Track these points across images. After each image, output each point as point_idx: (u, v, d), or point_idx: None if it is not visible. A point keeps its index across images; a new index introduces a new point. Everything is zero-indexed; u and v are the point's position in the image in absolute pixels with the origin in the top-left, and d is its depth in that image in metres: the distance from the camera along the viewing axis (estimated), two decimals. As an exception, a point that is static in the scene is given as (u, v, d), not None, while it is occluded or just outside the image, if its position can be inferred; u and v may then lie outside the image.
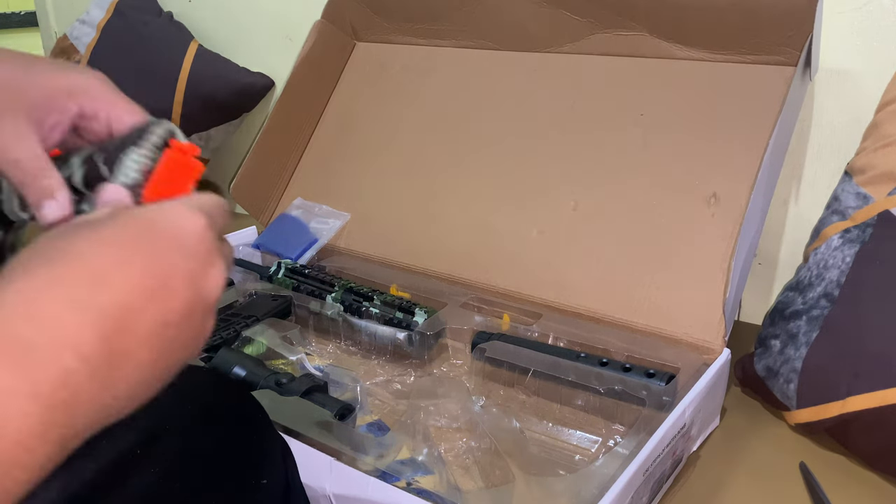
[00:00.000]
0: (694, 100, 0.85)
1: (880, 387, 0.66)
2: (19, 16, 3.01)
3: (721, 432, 0.76)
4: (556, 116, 0.93)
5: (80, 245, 0.32)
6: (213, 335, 0.79)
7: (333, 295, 0.86)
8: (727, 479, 0.69)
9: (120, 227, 0.33)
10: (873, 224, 0.75)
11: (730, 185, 0.80)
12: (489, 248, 0.90)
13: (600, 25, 0.91)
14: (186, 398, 0.47)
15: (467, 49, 1.03)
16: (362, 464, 0.60)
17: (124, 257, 0.31)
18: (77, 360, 0.28)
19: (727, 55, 0.84)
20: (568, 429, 0.71)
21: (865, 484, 0.68)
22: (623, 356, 0.74)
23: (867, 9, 0.84)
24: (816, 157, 0.91)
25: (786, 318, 0.78)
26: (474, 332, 0.81)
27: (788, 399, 0.74)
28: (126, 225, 0.33)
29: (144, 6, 1.42)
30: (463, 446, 0.67)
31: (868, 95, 0.84)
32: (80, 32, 1.42)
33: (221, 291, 0.35)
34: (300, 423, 0.63)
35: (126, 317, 0.30)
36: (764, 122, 0.79)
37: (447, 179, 0.97)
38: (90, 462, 0.40)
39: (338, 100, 1.12)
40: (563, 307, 0.83)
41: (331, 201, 1.04)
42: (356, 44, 1.14)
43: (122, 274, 0.31)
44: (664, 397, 0.66)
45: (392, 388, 0.79)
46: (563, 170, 0.90)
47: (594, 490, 0.56)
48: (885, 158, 0.78)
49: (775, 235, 0.96)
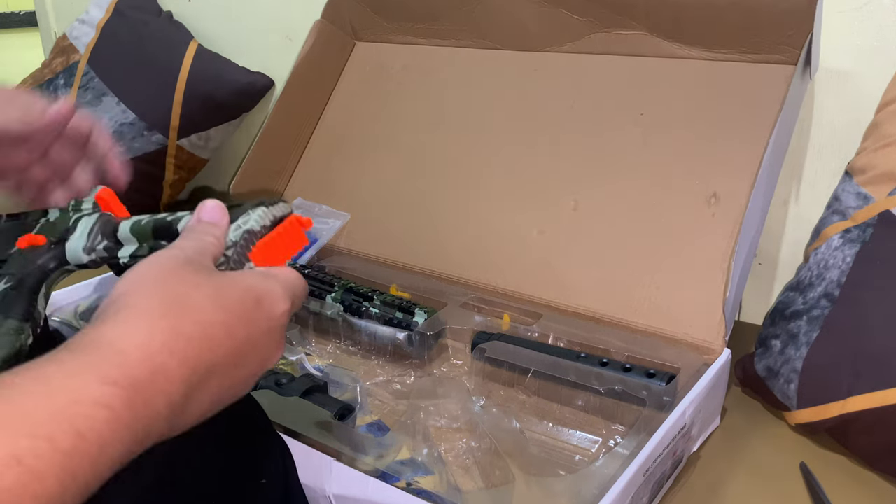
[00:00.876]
0: (694, 99, 0.85)
1: (881, 387, 0.66)
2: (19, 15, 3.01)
3: (721, 432, 0.76)
4: (556, 116, 0.93)
5: (194, 297, 0.35)
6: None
7: (333, 295, 0.86)
8: (727, 480, 0.69)
9: (230, 282, 0.37)
10: (874, 224, 0.75)
11: (730, 184, 0.80)
12: (489, 248, 0.90)
13: (600, 25, 0.91)
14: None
15: (467, 49, 1.03)
16: (362, 464, 0.60)
17: (225, 317, 0.35)
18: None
19: (727, 54, 0.84)
20: (568, 429, 0.71)
21: (866, 484, 0.68)
22: (623, 356, 0.74)
23: (867, 9, 0.84)
24: (817, 156, 0.91)
25: (786, 318, 0.78)
26: (474, 332, 0.80)
27: (789, 399, 0.74)
28: (236, 284, 0.38)
29: (144, 6, 1.42)
30: (463, 446, 0.67)
31: (868, 95, 0.84)
32: (80, 32, 1.42)
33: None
34: (300, 424, 0.63)
35: (205, 377, 0.34)
36: (764, 121, 0.79)
37: (447, 179, 0.97)
38: (90, 462, 0.40)
39: (338, 100, 1.12)
40: (563, 307, 0.83)
41: (331, 201, 1.04)
42: (356, 44, 1.14)
43: (222, 330, 0.35)
44: (664, 397, 0.66)
45: (392, 389, 0.78)
46: (563, 170, 0.90)
47: (594, 490, 0.56)
48: (885, 158, 0.77)
49: (775, 235, 0.96)
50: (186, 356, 0.33)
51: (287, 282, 0.40)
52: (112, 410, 0.29)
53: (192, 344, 0.33)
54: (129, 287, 0.35)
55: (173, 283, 0.35)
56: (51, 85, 1.39)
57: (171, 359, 0.32)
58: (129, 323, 0.33)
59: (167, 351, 0.32)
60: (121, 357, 0.31)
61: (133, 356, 0.31)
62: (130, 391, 0.30)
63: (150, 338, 0.32)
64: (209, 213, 0.43)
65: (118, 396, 0.29)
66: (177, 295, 0.35)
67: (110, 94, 1.32)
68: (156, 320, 0.33)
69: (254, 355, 0.37)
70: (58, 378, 0.29)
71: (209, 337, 0.34)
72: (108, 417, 0.28)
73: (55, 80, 1.39)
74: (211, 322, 0.34)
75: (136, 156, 1.30)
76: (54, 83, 1.39)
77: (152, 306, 0.34)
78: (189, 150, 1.34)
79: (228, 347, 0.35)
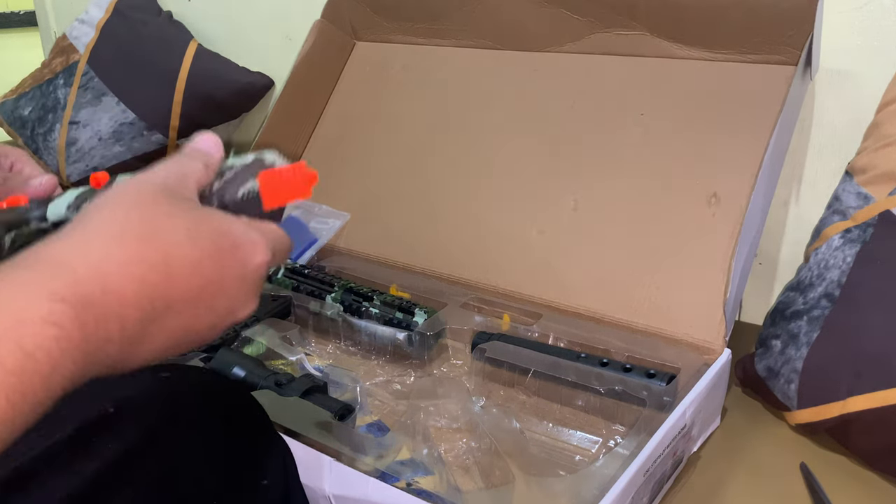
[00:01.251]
0: (694, 99, 0.85)
1: (881, 387, 0.66)
2: (19, 15, 3.01)
3: (721, 432, 0.76)
4: (556, 116, 0.93)
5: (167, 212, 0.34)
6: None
7: (333, 295, 0.86)
8: (728, 480, 0.69)
9: (207, 217, 0.35)
10: (874, 224, 0.75)
11: (730, 184, 0.80)
12: (489, 248, 0.90)
13: (600, 25, 0.91)
14: (186, 398, 0.47)
15: (467, 48, 1.03)
16: (362, 464, 0.60)
17: (197, 252, 0.33)
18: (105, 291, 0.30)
19: (727, 54, 0.84)
20: (568, 429, 0.71)
21: (866, 484, 0.68)
22: (623, 356, 0.74)
23: (867, 9, 0.84)
24: (817, 157, 0.91)
25: (786, 319, 0.78)
26: (474, 332, 0.80)
27: (789, 399, 0.74)
28: (213, 221, 0.35)
29: (144, 6, 1.42)
30: (463, 446, 0.67)
31: (868, 95, 0.84)
32: (80, 32, 1.42)
33: (245, 319, 0.38)
34: (300, 424, 0.63)
35: (163, 311, 0.32)
36: (764, 121, 0.79)
37: (447, 179, 0.97)
38: (91, 462, 0.40)
39: (338, 100, 1.12)
40: (563, 307, 0.83)
41: (331, 201, 1.04)
42: (356, 43, 1.14)
43: (190, 265, 0.33)
44: (665, 398, 0.66)
45: (392, 389, 0.78)
46: (563, 170, 0.90)
47: (594, 490, 0.56)
48: (885, 158, 0.77)
49: (776, 235, 0.96)
50: (144, 283, 0.31)
51: (270, 234, 0.38)
52: (61, 328, 0.27)
53: (152, 271, 0.31)
54: (97, 208, 0.33)
55: (144, 207, 0.33)
56: (50, 85, 1.39)
57: (127, 282, 0.30)
58: (86, 241, 0.31)
59: (124, 274, 0.30)
60: (71, 273, 0.29)
61: (84, 273, 0.29)
62: (80, 309, 0.28)
63: (106, 257, 0.30)
64: (204, 142, 0.41)
65: (67, 314, 0.28)
66: (145, 219, 0.33)
67: (110, 93, 1.32)
68: (116, 241, 0.31)
69: (221, 300, 0.34)
70: (1, 295, 0.27)
71: (173, 269, 0.32)
72: (58, 335, 0.27)
73: (55, 80, 1.39)
74: (178, 254, 0.32)
75: (136, 156, 1.30)
76: (54, 83, 1.39)
77: (114, 227, 0.32)
78: (189, 150, 1.34)
79: (194, 285, 0.33)
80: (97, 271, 0.30)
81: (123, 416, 0.43)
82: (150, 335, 0.31)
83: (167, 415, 0.45)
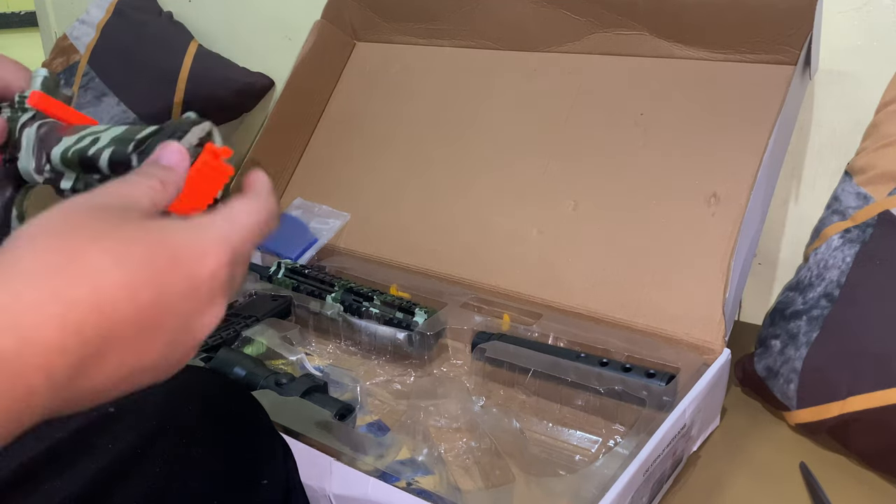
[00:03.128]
0: (694, 99, 0.85)
1: (881, 387, 0.66)
2: (19, 16, 3.01)
3: (721, 432, 0.76)
4: (555, 116, 0.93)
5: (87, 233, 0.29)
6: (213, 335, 0.79)
7: (333, 295, 0.86)
8: (727, 480, 0.69)
9: (139, 235, 0.30)
10: (873, 224, 0.75)
11: (730, 184, 0.80)
12: (489, 248, 0.90)
13: (600, 25, 0.91)
14: (186, 399, 0.47)
15: (467, 49, 1.03)
16: (362, 464, 0.60)
17: (128, 277, 0.29)
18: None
19: (727, 54, 0.84)
20: (568, 429, 0.71)
21: (866, 484, 0.68)
22: (623, 356, 0.74)
23: (867, 9, 0.84)
24: (816, 157, 0.91)
25: (786, 318, 0.78)
26: (474, 332, 0.80)
27: (789, 399, 0.74)
28: (146, 237, 0.30)
29: (144, 6, 1.42)
30: (463, 446, 0.67)
31: (868, 95, 0.84)
32: (80, 32, 1.42)
33: (213, 327, 0.33)
34: (300, 424, 0.63)
35: (100, 348, 0.28)
36: (764, 121, 0.79)
37: (447, 179, 0.97)
38: (91, 462, 0.40)
39: (338, 100, 1.12)
40: (563, 307, 0.83)
41: (331, 201, 1.04)
42: (356, 44, 1.14)
43: (122, 293, 0.29)
44: (664, 397, 0.66)
45: (392, 389, 0.78)
46: (562, 170, 0.90)
47: (594, 490, 0.56)
48: (885, 158, 0.77)
49: (775, 235, 0.96)
50: (67, 322, 0.27)
51: (219, 233, 0.33)
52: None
53: (77, 308, 0.27)
54: (20, 238, 0.29)
55: (71, 234, 0.29)
56: (51, 85, 1.39)
57: (47, 325, 0.26)
58: (1, 282, 0.27)
59: (43, 315, 0.26)
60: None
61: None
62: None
63: (18, 299, 0.26)
64: (167, 156, 0.36)
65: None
66: (68, 249, 0.28)
67: (110, 94, 1.32)
68: (34, 279, 0.27)
69: (169, 322, 0.30)
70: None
71: (103, 301, 0.28)
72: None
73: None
74: (107, 284, 0.28)
75: (136, 156, 1.30)
76: (54, 83, 1.39)
77: (36, 262, 0.28)
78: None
79: (129, 314, 0.28)
80: (9, 318, 0.26)
81: (123, 417, 0.43)
82: (88, 377, 0.28)
83: (167, 415, 0.45)
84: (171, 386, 0.47)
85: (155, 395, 0.45)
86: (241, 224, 0.34)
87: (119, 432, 0.42)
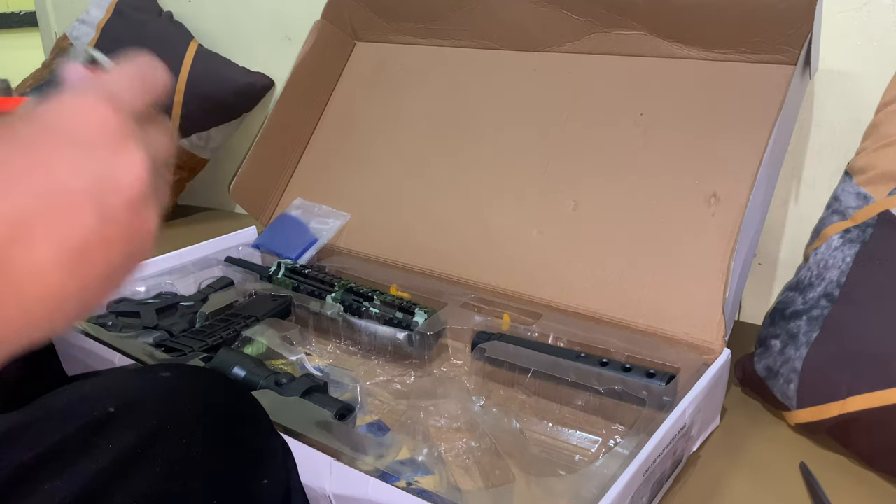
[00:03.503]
0: (694, 99, 0.85)
1: (881, 387, 0.66)
2: (19, 16, 3.01)
3: (721, 432, 0.76)
4: (555, 116, 0.93)
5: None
6: (213, 335, 0.79)
7: (333, 295, 0.86)
8: (727, 480, 0.69)
9: (22, 129, 0.30)
10: (873, 224, 0.75)
11: (730, 184, 0.80)
12: (489, 248, 0.90)
13: (600, 25, 0.91)
14: (186, 398, 0.47)
15: (467, 49, 1.03)
16: (362, 464, 0.60)
17: (15, 166, 0.28)
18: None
19: (727, 54, 0.84)
20: (568, 429, 0.71)
21: (865, 484, 0.68)
22: (623, 356, 0.74)
23: (867, 9, 0.84)
24: (816, 156, 0.91)
25: (786, 318, 0.78)
26: (474, 332, 0.80)
27: (789, 399, 0.74)
28: (28, 127, 0.30)
29: (144, 6, 1.42)
30: (463, 446, 0.67)
31: (868, 95, 0.84)
32: (80, 32, 1.42)
33: (145, 177, 0.31)
34: (300, 423, 0.63)
35: (19, 235, 0.27)
36: (764, 121, 0.79)
37: (447, 179, 0.97)
38: (91, 462, 0.40)
39: (338, 100, 1.12)
40: (563, 307, 0.83)
41: (331, 201, 1.04)
42: (356, 44, 1.14)
43: (14, 185, 0.27)
44: (664, 397, 0.66)
45: (392, 388, 0.78)
46: (562, 169, 0.90)
47: (594, 490, 0.56)
48: (885, 158, 0.77)
49: (775, 235, 0.96)
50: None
51: (93, 88, 0.32)
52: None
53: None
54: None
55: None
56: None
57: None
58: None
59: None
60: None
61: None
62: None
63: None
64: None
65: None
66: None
67: (110, 94, 1.32)
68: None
69: (77, 183, 0.29)
70: None
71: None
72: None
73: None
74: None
75: (136, 156, 1.30)
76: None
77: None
78: (189, 150, 1.35)
79: (29, 192, 0.28)
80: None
81: (123, 416, 0.43)
82: (24, 249, 0.27)
83: (167, 415, 0.45)
84: (171, 386, 0.47)
85: (155, 394, 0.45)
86: (107, 79, 0.33)
87: (119, 432, 0.42)
